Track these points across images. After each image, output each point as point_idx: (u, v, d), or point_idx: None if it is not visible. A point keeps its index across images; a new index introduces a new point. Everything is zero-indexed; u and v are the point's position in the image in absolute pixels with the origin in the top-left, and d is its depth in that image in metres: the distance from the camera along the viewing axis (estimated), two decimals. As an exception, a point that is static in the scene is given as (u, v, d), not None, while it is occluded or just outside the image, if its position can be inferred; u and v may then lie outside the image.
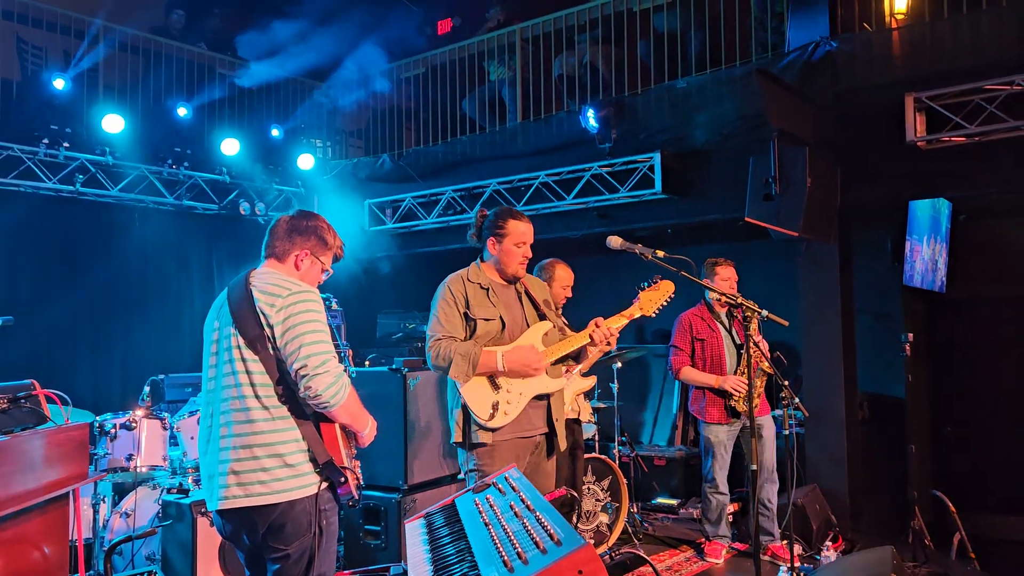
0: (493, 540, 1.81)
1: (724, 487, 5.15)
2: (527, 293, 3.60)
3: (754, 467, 3.22)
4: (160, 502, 4.27)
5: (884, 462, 6.47)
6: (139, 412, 4.74)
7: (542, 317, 3.55)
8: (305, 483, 2.59)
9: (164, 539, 4.08)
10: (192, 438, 4.83)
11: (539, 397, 3.46)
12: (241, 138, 7.84)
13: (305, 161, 8.42)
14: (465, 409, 3.36)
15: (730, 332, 5.14)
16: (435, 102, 8.56)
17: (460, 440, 3.41)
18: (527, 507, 1.94)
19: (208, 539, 3.99)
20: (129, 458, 4.60)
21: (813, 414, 5.63)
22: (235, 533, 2.68)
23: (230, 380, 2.65)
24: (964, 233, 7.17)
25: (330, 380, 2.52)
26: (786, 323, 3.38)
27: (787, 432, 4.37)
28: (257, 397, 2.61)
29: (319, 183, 8.81)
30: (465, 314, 3.40)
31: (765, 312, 3.32)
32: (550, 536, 1.65)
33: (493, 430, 3.33)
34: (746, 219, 5.56)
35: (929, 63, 5.50)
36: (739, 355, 5.09)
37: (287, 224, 2.82)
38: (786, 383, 4.04)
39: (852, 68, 5.80)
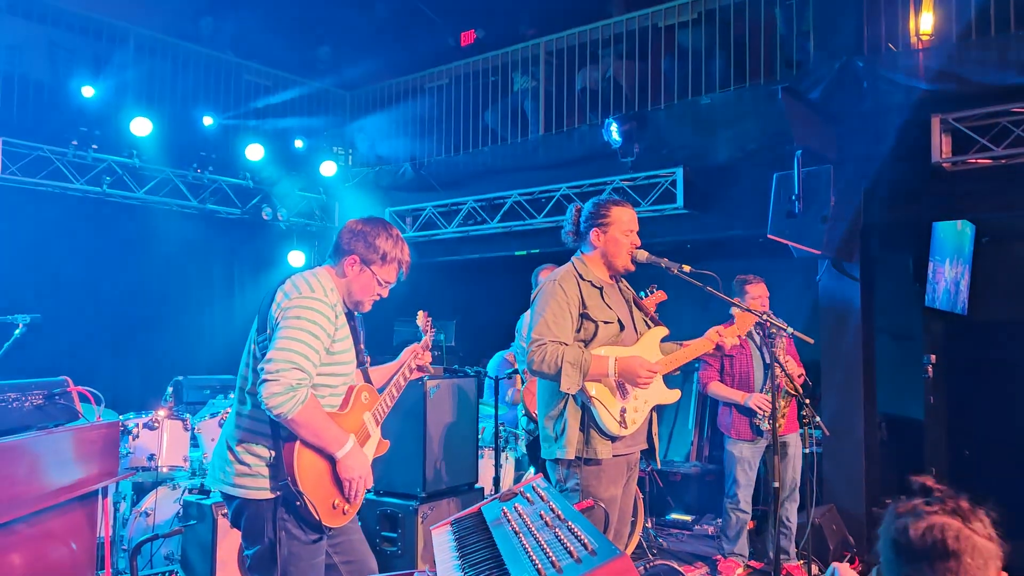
0: (525, 549, 1.82)
1: (747, 505, 5.11)
2: (634, 298, 3.46)
3: (776, 484, 3.21)
4: (181, 502, 4.30)
5: (902, 483, 6.42)
6: (161, 412, 4.78)
7: (655, 322, 3.44)
8: (257, 485, 2.60)
9: (184, 539, 4.11)
10: (212, 439, 4.86)
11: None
12: (265, 144, 7.92)
13: (328, 168, 8.49)
14: (586, 418, 3.11)
15: (760, 350, 5.11)
16: (458, 112, 8.62)
17: (573, 456, 3.09)
18: (558, 516, 1.94)
19: (228, 540, 4.01)
20: (151, 458, 4.64)
21: (832, 433, 5.60)
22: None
23: (241, 374, 2.74)
24: (987, 255, 7.14)
25: (277, 389, 2.44)
26: (811, 340, 3.37)
27: (808, 451, 4.35)
28: (250, 393, 2.66)
29: (341, 190, 8.88)
30: (585, 315, 3.18)
31: (790, 329, 3.32)
32: (584, 545, 1.66)
33: (615, 439, 3.15)
34: (769, 236, 5.56)
35: (956, 84, 5.49)
36: (767, 373, 5.06)
37: (348, 227, 2.80)
38: (807, 401, 4.04)
39: (877, 87, 5.79)
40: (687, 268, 3.32)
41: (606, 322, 3.21)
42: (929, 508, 1.43)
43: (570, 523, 1.83)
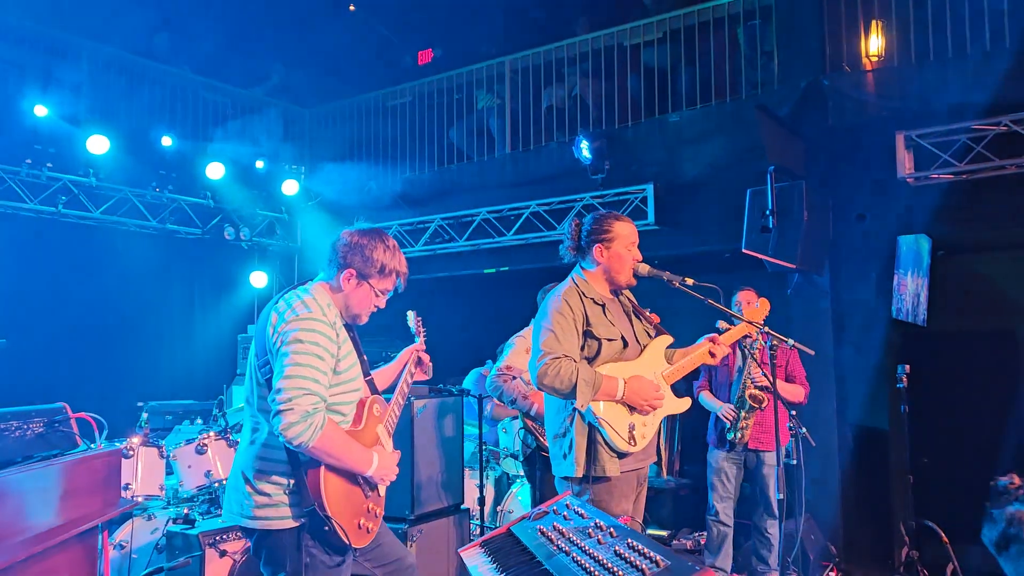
0: (583, 567, 1.78)
1: (725, 516, 5.13)
2: (634, 308, 3.44)
3: (780, 496, 3.23)
4: (164, 532, 4.12)
5: (871, 493, 6.54)
6: (135, 439, 4.59)
7: (657, 332, 3.42)
8: (279, 515, 2.50)
9: (170, 570, 3.94)
10: (189, 466, 4.69)
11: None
12: (226, 163, 7.75)
13: (289, 187, 8.35)
14: (593, 436, 3.06)
15: (743, 361, 5.15)
16: (422, 130, 8.56)
17: (581, 474, 3.04)
18: (608, 532, 1.91)
19: (216, 570, 3.86)
20: (125, 487, 4.44)
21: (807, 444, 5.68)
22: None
23: (247, 400, 2.64)
24: (943, 268, 7.36)
25: (293, 419, 2.35)
26: (812, 352, 3.42)
27: (795, 462, 4.40)
28: (257, 420, 2.57)
29: (303, 209, 8.73)
30: (588, 331, 3.16)
31: (791, 341, 3.36)
32: (655, 563, 1.63)
33: (624, 456, 3.10)
34: (744, 251, 5.64)
35: (918, 102, 5.68)
36: (740, 383, 5.12)
37: (343, 239, 2.67)
38: (793, 412, 4.09)
39: (842, 105, 5.95)
40: (690, 281, 3.34)
41: (609, 339, 3.19)
42: None
43: (630, 539, 1.80)
